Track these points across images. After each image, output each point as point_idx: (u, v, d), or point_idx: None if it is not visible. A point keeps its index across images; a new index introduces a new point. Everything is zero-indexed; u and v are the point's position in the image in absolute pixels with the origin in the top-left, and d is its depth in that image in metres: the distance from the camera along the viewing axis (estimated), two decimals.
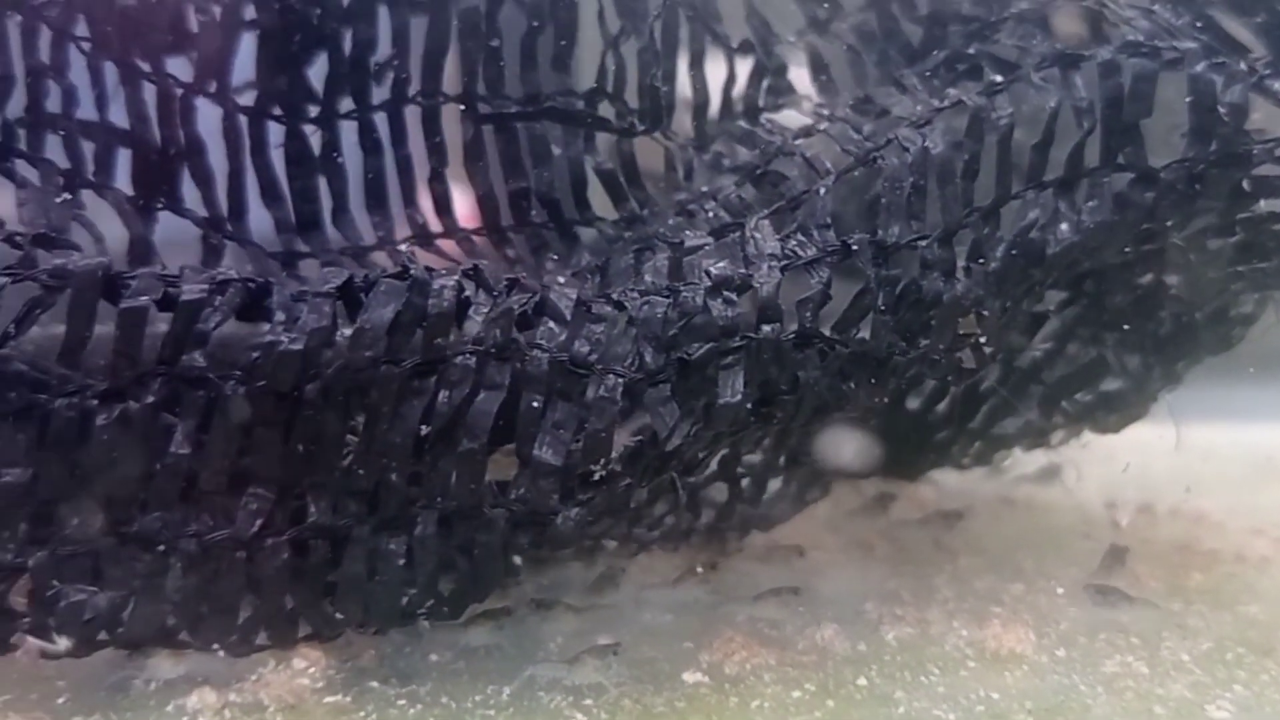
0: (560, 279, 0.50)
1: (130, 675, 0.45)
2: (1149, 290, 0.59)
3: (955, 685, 0.46)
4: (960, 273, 0.48)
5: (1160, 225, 0.51)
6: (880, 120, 0.52)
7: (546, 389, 0.43)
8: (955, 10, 0.56)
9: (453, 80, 0.55)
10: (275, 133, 0.55)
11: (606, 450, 0.43)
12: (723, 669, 0.47)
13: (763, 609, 0.52)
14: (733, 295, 0.45)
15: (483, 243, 0.57)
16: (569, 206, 0.57)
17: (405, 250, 0.55)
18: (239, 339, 0.43)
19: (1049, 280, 0.52)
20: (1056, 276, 0.52)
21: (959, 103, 0.49)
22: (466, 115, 0.56)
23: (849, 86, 0.58)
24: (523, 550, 0.46)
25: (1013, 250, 0.48)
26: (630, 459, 0.44)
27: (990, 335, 0.49)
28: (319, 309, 0.42)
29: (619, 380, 0.43)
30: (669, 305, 0.44)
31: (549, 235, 0.57)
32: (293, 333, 0.42)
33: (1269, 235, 0.53)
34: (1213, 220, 0.52)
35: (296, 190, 0.55)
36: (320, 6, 0.54)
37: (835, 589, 0.56)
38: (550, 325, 0.44)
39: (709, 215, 0.53)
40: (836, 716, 0.44)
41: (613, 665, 0.46)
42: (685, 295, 0.44)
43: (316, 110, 0.55)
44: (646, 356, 0.44)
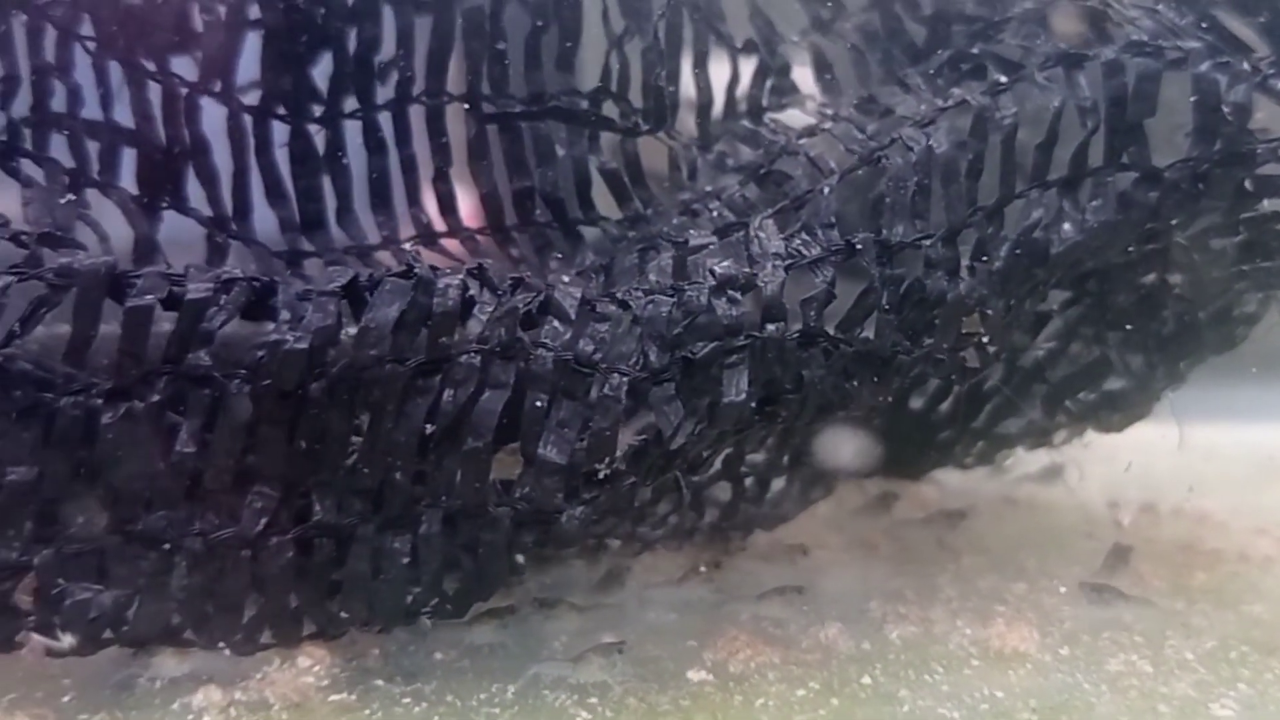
0: (565, 278, 0.50)
1: (135, 673, 0.45)
2: (1152, 290, 0.59)
3: (959, 684, 0.46)
4: (964, 272, 0.48)
5: (1164, 225, 0.51)
6: (884, 120, 0.52)
7: (551, 388, 0.43)
8: (959, 10, 0.56)
9: (457, 80, 0.56)
10: (280, 132, 0.55)
11: (611, 449, 0.43)
12: (727, 667, 0.47)
13: (767, 608, 0.52)
14: (737, 294, 0.45)
15: (487, 242, 0.57)
16: (573, 206, 0.57)
17: (410, 249, 0.56)
18: (244, 338, 0.43)
19: (1052, 280, 0.52)
20: (1060, 276, 0.52)
21: (963, 102, 0.49)
22: (471, 115, 0.56)
23: (853, 86, 0.58)
24: (527, 549, 0.46)
25: (1017, 249, 0.48)
26: (635, 458, 0.44)
27: (994, 334, 0.49)
28: (324, 308, 0.42)
29: (623, 379, 0.43)
30: (673, 304, 0.44)
31: (553, 234, 0.57)
32: (298, 331, 0.42)
33: (1272, 235, 0.53)
34: (1216, 220, 0.52)
35: (301, 189, 0.55)
36: (325, 6, 0.54)
37: (839, 588, 0.56)
38: (555, 324, 0.44)
39: (713, 215, 0.53)
40: (841, 715, 0.44)
41: (617, 663, 0.46)
42: (690, 294, 0.44)
43: (321, 110, 0.55)
44: (651, 355, 0.44)
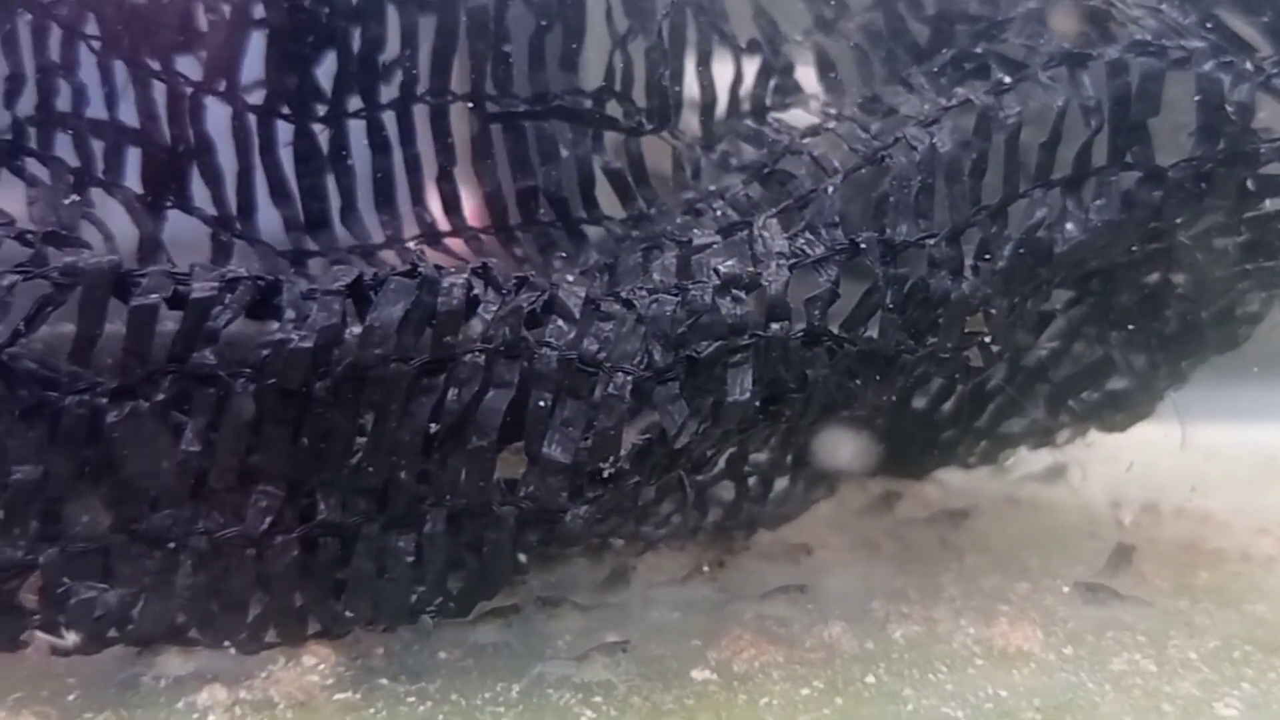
0: (569, 277, 0.50)
1: (140, 672, 0.45)
2: (1155, 289, 0.59)
3: (963, 683, 0.46)
4: (968, 271, 0.48)
5: (1167, 224, 0.51)
6: (888, 119, 0.52)
7: (555, 387, 0.43)
8: (962, 9, 0.56)
9: (461, 79, 0.56)
10: (284, 131, 0.55)
11: (615, 448, 0.43)
12: (731, 666, 0.47)
13: (770, 607, 0.52)
14: (741, 293, 0.45)
15: (490, 241, 0.57)
16: (577, 205, 0.57)
17: (415, 248, 0.56)
18: (248, 337, 0.43)
19: (1056, 279, 0.52)
20: (1063, 275, 0.52)
21: (967, 102, 0.49)
22: (475, 114, 0.56)
23: (856, 85, 0.58)
24: (531, 548, 0.46)
25: (1020, 249, 0.48)
26: (639, 457, 0.44)
27: (998, 334, 0.49)
28: (329, 307, 0.42)
29: (628, 378, 0.43)
30: (678, 303, 0.44)
31: (557, 234, 0.57)
32: (303, 330, 0.42)
33: (1275, 234, 0.53)
34: (1219, 219, 0.52)
35: (305, 189, 0.55)
36: (329, 5, 0.54)
37: (842, 587, 0.56)
38: (559, 323, 0.44)
39: (717, 214, 0.53)
40: (845, 714, 0.44)
41: (621, 663, 0.46)
42: (694, 293, 0.44)
43: (325, 109, 0.55)
44: (655, 354, 0.44)
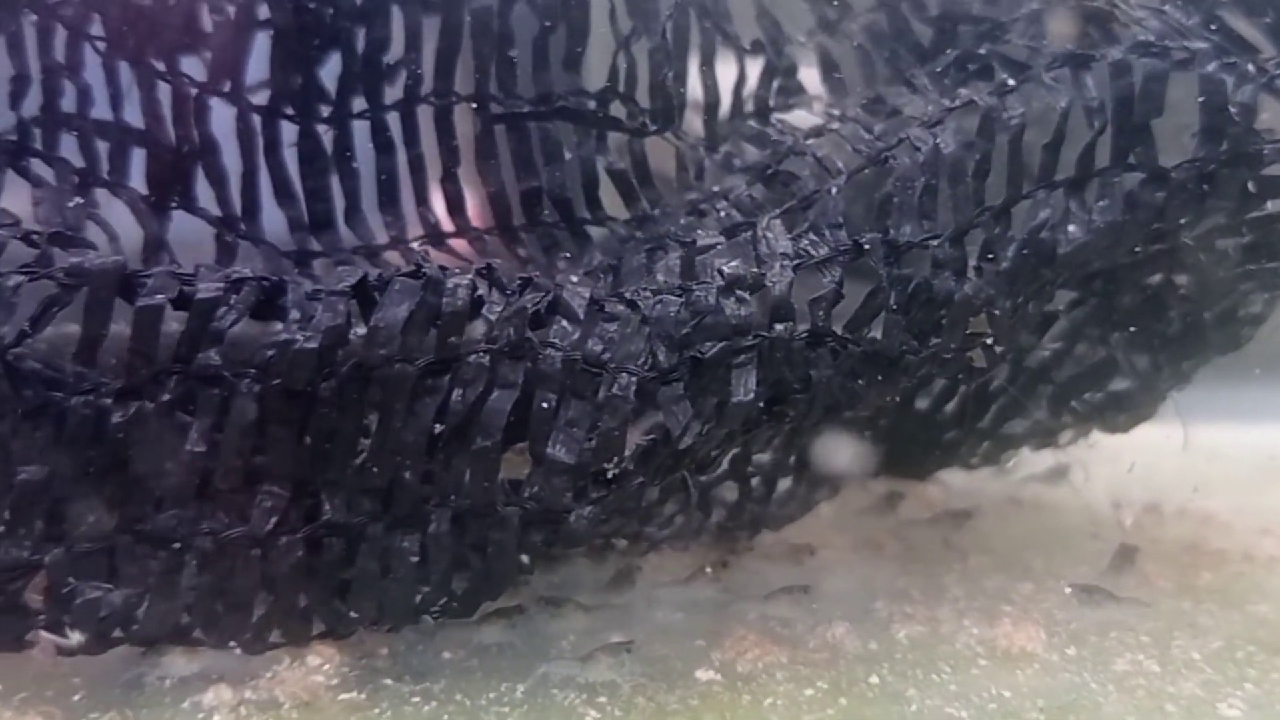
0: (573, 278, 0.50)
1: (145, 672, 0.45)
2: (1158, 290, 0.59)
3: (967, 683, 0.46)
4: (971, 272, 0.48)
5: (1170, 225, 0.51)
6: (891, 120, 0.52)
7: (560, 387, 0.43)
8: (965, 10, 0.56)
9: (465, 80, 0.56)
10: (289, 132, 0.55)
11: (620, 449, 0.43)
12: (735, 667, 0.47)
13: (774, 607, 0.53)
14: (745, 294, 0.45)
15: (494, 242, 0.57)
16: (580, 206, 0.57)
17: (419, 249, 0.56)
18: (253, 338, 0.43)
19: (1059, 280, 0.52)
20: (1066, 276, 0.52)
21: (970, 103, 0.49)
22: (478, 115, 0.56)
23: (859, 87, 0.58)
24: (536, 549, 0.46)
25: (1024, 250, 0.48)
26: (643, 457, 0.44)
27: (1001, 335, 0.49)
28: (334, 307, 0.42)
29: (632, 379, 0.43)
30: (682, 304, 0.44)
31: (560, 234, 0.57)
32: (308, 331, 0.42)
33: (1278, 236, 0.53)
34: (1222, 220, 0.52)
35: (309, 189, 0.55)
36: (333, 6, 0.54)
37: (845, 587, 0.56)
38: (563, 324, 0.44)
39: (720, 215, 0.53)
40: (849, 714, 0.44)
41: (626, 663, 0.46)
42: (698, 294, 0.44)
43: (329, 110, 0.55)
44: (659, 355, 0.44)
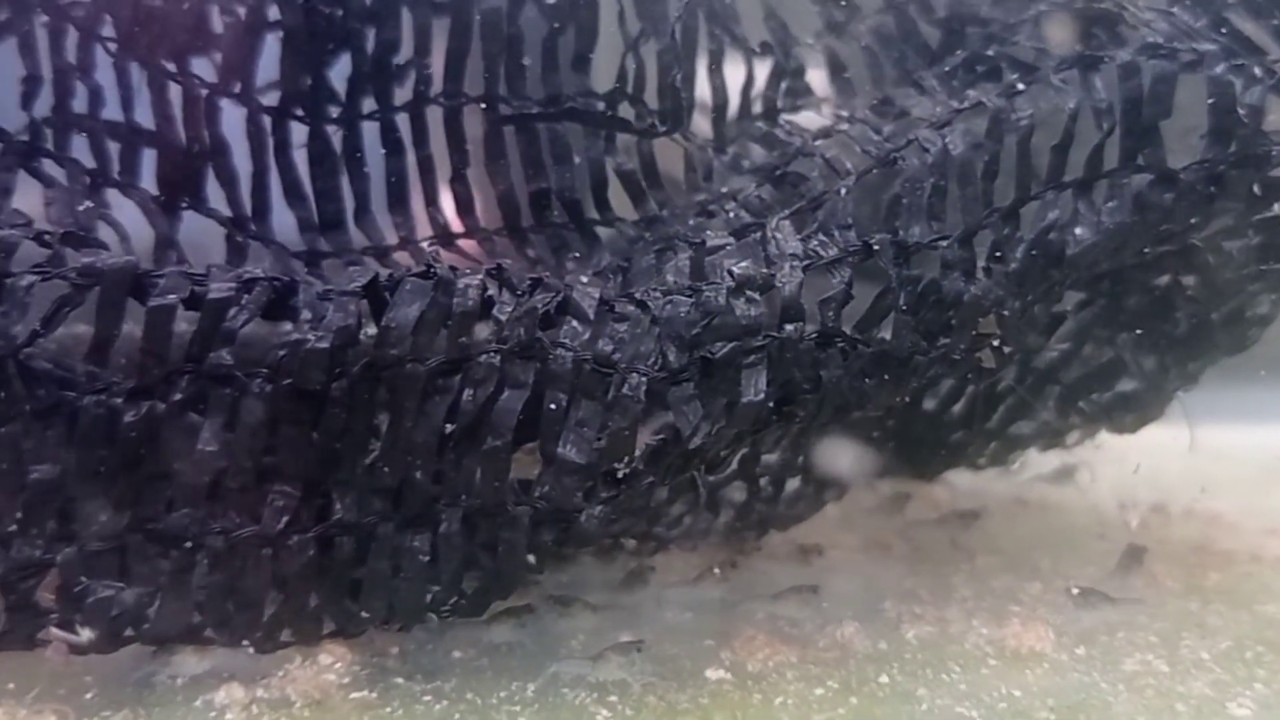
0: (582, 278, 0.50)
1: (156, 671, 0.45)
2: (1166, 291, 0.59)
3: (977, 683, 0.46)
4: (980, 273, 0.48)
5: (1178, 226, 0.51)
6: (899, 121, 0.52)
7: (570, 387, 0.43)
8: (974, 12, 0.57)
9: (474, 81, 0.56)
10: (298, 133, 0.55)
11: (630, 449, 0.43)
12: (745, 666, 0.47)
13: (782, 607, 0.53)
14: (755, 295, 0.45)
15: (503, 243, 0.57)
16: (589, 207, 0.57)
17: (429, 249, 0.56)
18: (264, 338, 0.43)
19: (1067, 281, 0.52)
20: (1075, 277, 0.53)
21: (978, 104, 0.49)
22: (488, 116, 0.56)
23: (868, 88, 0.58)
24: (546, 548, 0.46)
25: (1032, 251, 0.48)
26: (653, 457, 0.44)
27: (1010, 335, 0.49)
28: (345, 307, 0.43)
29: (642, 379, 0.43)
30: (692, 304, 0.44)
31: (570, 235, 0.57)
32: (319, 331, 0.42)
33: None
34: (1229, 222, 0.52)
35: (319, 190, 0.55)
36: (343, 7, 0.54)
37: (854, 587, 0.56)
38: (574, 324, 0.44)
39: (729, 216, 0.53)
40: (860, 713, 0.44)
41: (636, 662, 0.46)
42: (708, 295, 0.45)
43: (339, 111, 0.55)
44: (669, 355, 0.44)
